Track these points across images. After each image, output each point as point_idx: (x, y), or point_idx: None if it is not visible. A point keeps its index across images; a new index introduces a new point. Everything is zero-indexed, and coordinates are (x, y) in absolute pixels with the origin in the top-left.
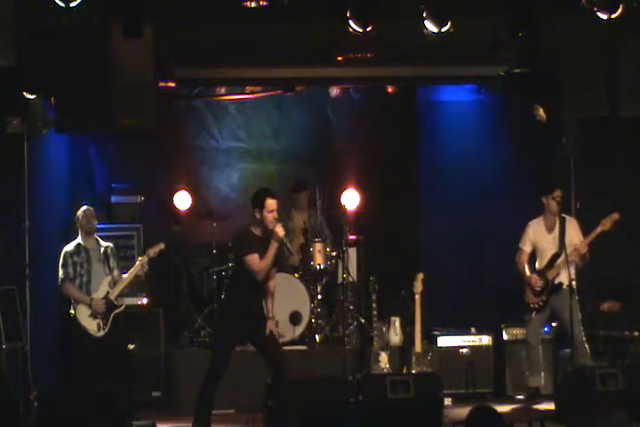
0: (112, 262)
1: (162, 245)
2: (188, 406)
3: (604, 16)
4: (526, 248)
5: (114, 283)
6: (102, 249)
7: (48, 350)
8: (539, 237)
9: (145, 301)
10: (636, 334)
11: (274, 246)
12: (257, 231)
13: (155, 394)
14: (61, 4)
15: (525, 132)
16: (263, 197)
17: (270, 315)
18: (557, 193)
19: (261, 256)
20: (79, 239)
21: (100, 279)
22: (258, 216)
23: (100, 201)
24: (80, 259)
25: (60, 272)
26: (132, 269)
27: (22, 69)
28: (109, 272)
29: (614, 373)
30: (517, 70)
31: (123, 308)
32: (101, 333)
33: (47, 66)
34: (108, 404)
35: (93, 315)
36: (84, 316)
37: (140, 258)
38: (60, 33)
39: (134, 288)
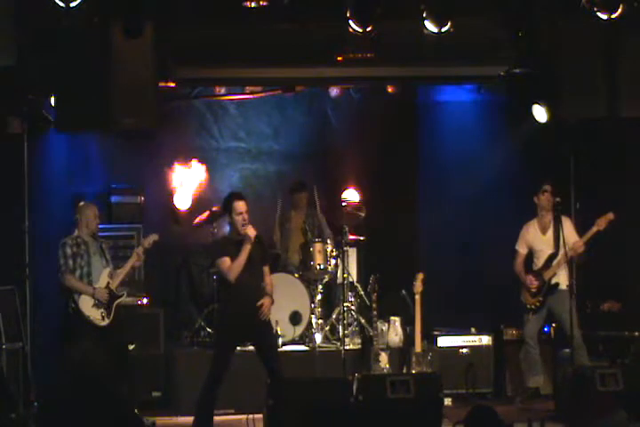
0: (107, 256)
1: (155, 236)
2: (188, 406)
3: (603, 16)
4: (522, 250)
5: (113, 274)
6: (98, 244)
7: (48, 350)
8: (534, 238)
9: (145, 301)
10: (636, 334)
11: (246, 248)
12: (233, 236)
13: (155, 394)
14: (61, 3)
15: (525, 133)
16: (231, 200)
17: (269, 292)
18: (546, 187)
19: (235, 258)
20: (77, 233)
21: (100, 271)
22: (229, 220)
23: (99, 201)
24: (80, 250)
25: (60, 263)
26: (129, 260)
27: (22, 69)
28: (106, 264)
29: (614, 373)
30: (517, 70)
31: (124, 297)
32: (105, 322)
33: (47, 66)
34: (108, 403)
35: (97, 304)
36: (87, 306)
37: (135, 249)
38: (60, 33)
39: (134, 288)
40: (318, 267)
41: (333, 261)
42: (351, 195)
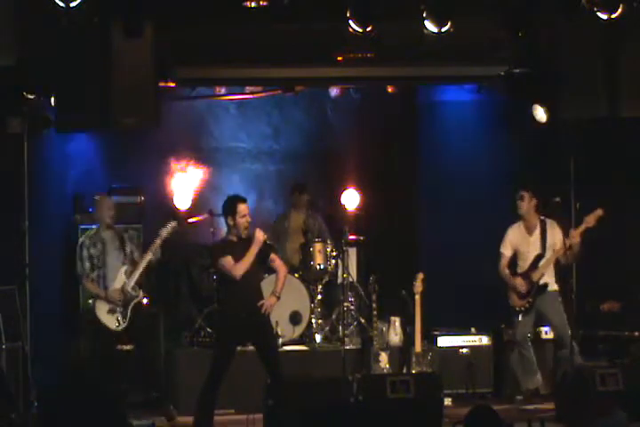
0: (127, 248)
1: (174, 223)
2: (188, 406)
3: (604, 16)
4: (507, 252)
5: (130, 273)
6: (119, 237)
7: (48, 350)
8: (519, 240)
9: (145, 301)
10: (636, 334)
11: (254, 249)
12: (232, 238)
13: (155, 394)
14: (61, 3)
15: (525, 132)
16: (234, 203)
17: (277, 293)
18: (521, 194)
19: (237, 259)
20: (96, 230)
21: (117, 270)
22: (231, 223)
23: None
24: (96, 251)
25: (78, 267)
26: (146, 254)
27: (22, 69)
28: (125, 259)
29: (614, 373)
30: (517, 70)
31: (140, 297)
32: (120, 327)
33: (47, 66)
34: (108, 404)
35: (112, 310)
36: (102, 312)
37: (150, 246)
38: (60, 33)
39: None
40: (318, 267)
41: (333, 261)
42: (351, 195)
